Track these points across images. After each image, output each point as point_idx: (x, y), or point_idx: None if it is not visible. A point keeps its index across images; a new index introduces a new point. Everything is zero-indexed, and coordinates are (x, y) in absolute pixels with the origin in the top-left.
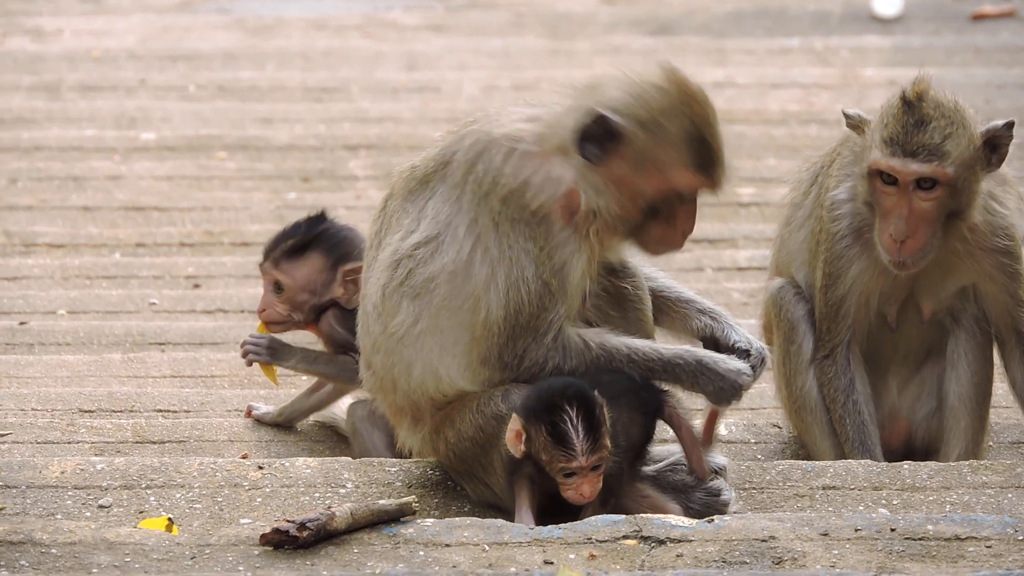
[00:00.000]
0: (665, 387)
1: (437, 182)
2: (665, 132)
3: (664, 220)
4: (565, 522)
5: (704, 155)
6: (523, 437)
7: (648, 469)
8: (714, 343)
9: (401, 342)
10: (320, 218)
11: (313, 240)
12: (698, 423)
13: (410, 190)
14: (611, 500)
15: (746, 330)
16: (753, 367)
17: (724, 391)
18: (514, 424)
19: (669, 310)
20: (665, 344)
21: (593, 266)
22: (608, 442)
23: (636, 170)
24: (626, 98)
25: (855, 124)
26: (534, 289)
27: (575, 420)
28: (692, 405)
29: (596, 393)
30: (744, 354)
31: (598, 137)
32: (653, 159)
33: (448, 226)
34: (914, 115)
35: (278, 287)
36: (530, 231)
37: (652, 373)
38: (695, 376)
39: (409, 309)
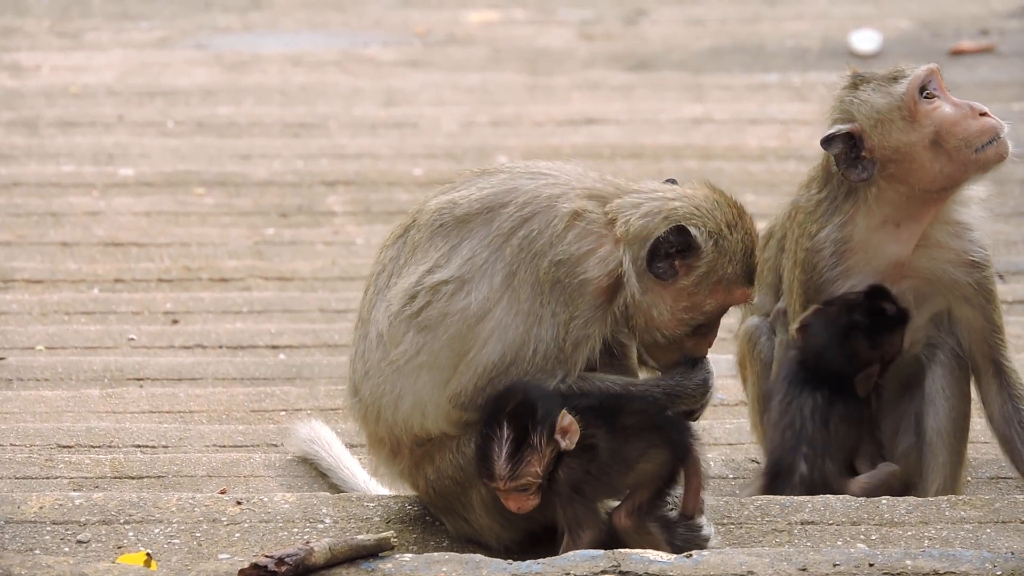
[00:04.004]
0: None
1: (478, 226)
2: (729, 245)
3: (699, 333)
4: (545, 556)
5: (754, 269)
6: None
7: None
8: None
9: (398, 372)
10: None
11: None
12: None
13: (442, 224)
14: (580, 532)
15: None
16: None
17: (696, 398)
18: None
19: None
20: (637, 380)
21: (604, 339)
22: (537, 469)
23: (700, 284)
24: (693, 210)
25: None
26: (543, 350)
27: (502, 441)
28: None
29: (561, 411)
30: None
31: (668, 251)
32: (719, 273)
33: (482, 272)
34: (890, 67)
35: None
36: (569, 298)
37: None
38: (666, 402)
39: (413, 340)
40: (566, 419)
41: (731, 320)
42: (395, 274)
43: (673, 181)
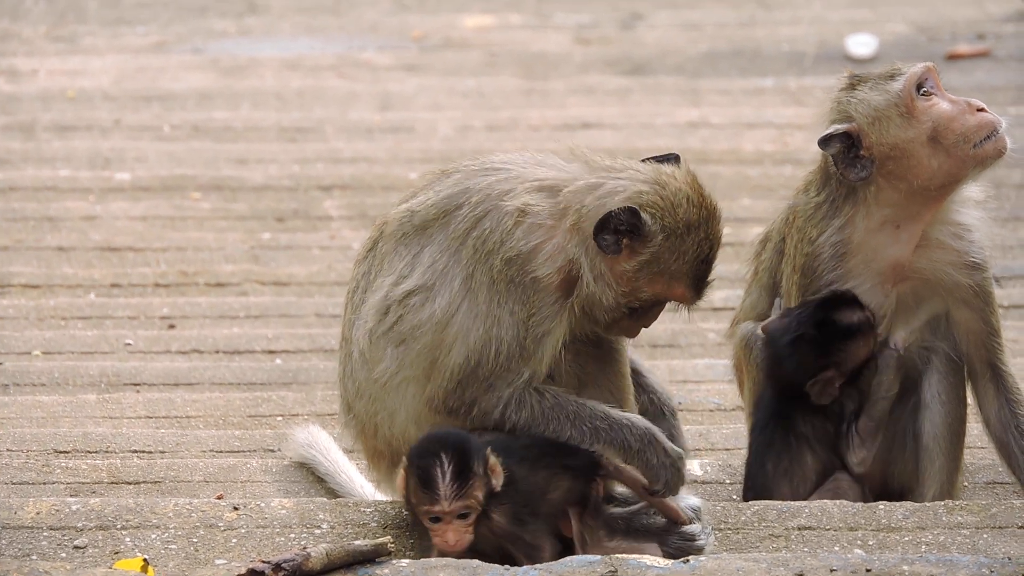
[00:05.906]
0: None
1: (436, 231)
2: (682, 244)
3: (634, 317)
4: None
5: (704, 276)
6: (403, 483)
7: (620, 511)
8: None
9: (384, 389)
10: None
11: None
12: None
13: (404, 234)
14: (537, 554)
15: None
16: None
17: (665, 468)
18: (401, 470)
19: None
20: (618, 410)
21: (567, 336)
22: (480, 494)
23: (641, 271)
24: (657, 199)
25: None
26: (505, 350)
27: (445, 465)
28: None
29: (487, 448)
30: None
31: (618, 227)
32: (662, 266)
33: (444, 277)
34: (888, 66)
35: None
36: (524, 296)
37: (597, 433)
38: (641, 444)
39: (393, 356)
40: (491, 458)
41: (723, 325)
42: (367, 289)
43: (676, 157)
